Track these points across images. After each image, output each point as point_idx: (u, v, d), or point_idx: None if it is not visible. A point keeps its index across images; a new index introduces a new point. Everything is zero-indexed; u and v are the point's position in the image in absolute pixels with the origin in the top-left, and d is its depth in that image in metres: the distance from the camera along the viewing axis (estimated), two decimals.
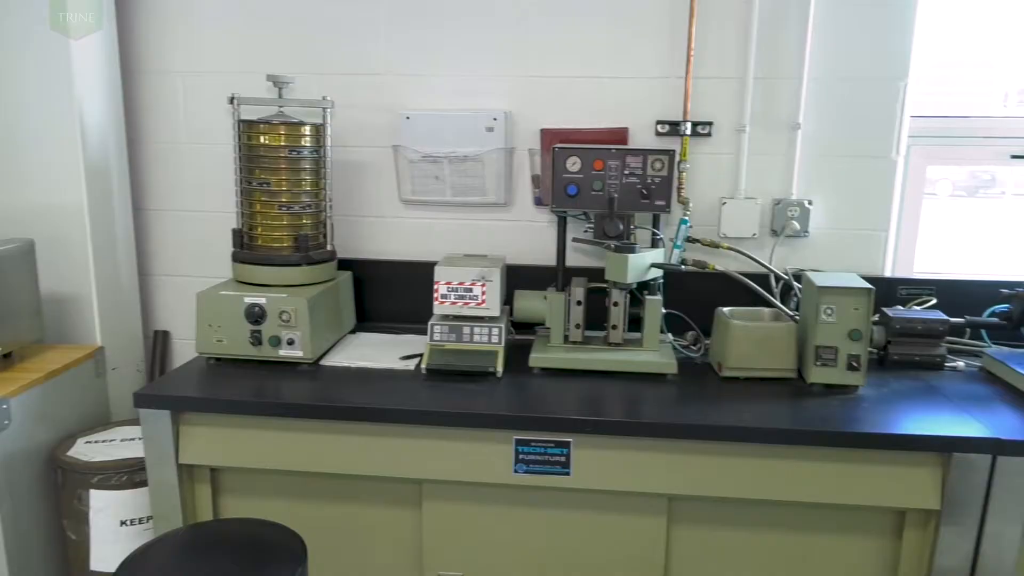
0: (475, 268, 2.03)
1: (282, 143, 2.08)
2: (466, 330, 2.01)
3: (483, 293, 2.02)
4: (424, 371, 1.98)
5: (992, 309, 2.11)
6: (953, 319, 2.05)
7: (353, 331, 2.34)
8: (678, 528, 1.84)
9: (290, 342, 1.99)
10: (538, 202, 2.34)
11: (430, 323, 2.03)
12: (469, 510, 1.86)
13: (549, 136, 2.26)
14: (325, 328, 2.11)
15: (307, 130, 2.11)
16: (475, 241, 2.38)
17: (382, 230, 2.43)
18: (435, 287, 2.03)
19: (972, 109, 2.38)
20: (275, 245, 2.13)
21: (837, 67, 2.18)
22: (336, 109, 2.31)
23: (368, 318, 2.43)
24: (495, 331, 2.01)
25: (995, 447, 1.64)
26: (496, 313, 2.03)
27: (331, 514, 1.93)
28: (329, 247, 2.22)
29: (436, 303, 2.04)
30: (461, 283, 2.03)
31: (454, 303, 2.03)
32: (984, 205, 2.70)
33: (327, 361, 2.06)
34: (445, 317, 2.05)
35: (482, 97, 2.30)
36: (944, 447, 1.66)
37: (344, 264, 2.36)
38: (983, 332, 2.19)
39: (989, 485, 1.66)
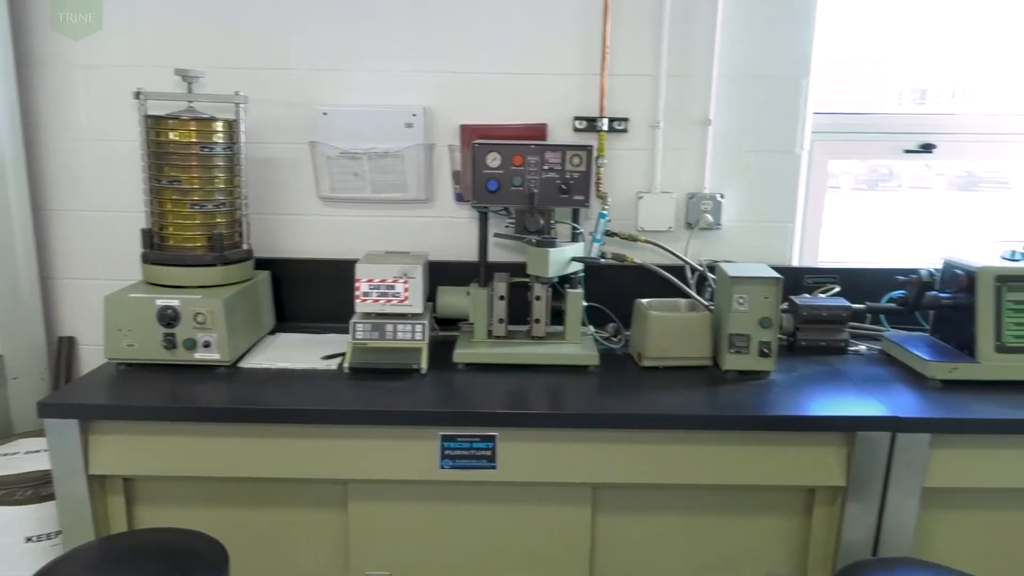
0: (397, 265, 2.01)
1: (193, 139, 2.02)
2: (389, 327, 2.00)
3: (405, 290, 2.01)
4: (347, 370, 1.96)
5: (890, 295, 2.23)
6: (855, 305, 2.16)
7: (272, 332, 2.29)
8: (602, 516, 1.88)
9: (206, 345, 1.93)
10: (459, 198, 2.34)
11: (352, 321, 2.00)
12: (396, 508, 1.85)
13: (469, 132, 2.26)
14: (243, 329, 2.05)
15: (219, 126, 2.05)
16: (397, 238, 2.37)
17: (301, 228, 2.38)
18: (356, 285, 2.01)
19: (871, 106, 2.52)
20: (188, 245, 2.06)
21: (744, 65, 2.27)
22: (250, 104, 2.25)
23: (288, 318, 2.38)
24: (418, 328, 2.00)
25: (894, 425, 1.74)
26: (419, 310, 2.02)
27: (253, 519, 1.88)
28: (245, 246, 2.17)
29: (358, 301, 2.02)
30: (383, 280, 2.01)
31: (376, 301, 2.01)
32: (883, 198, 2.85)
33: (246, 363, 2.01)
34: (367, 315, 2.03)
35: (401, 93, 2.28)
36: (848, 427, 1.75)
37: (262, 263, 2.30)
38: (882, 317, 2.32)
39: (890, 461, 1.77)
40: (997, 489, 1.82)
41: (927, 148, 2.47)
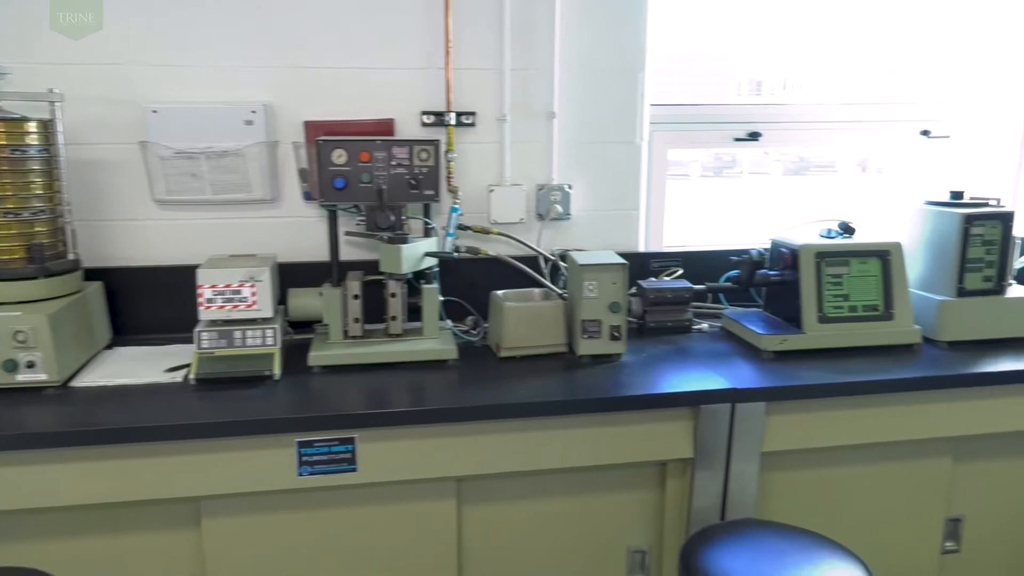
0: (242, 269, 1.93)
1: (2, 142, 1.84)
2: (237, 334, 1.92)
3: (253, 294, 1.93)
4: (193, 381, 1.86)
5: (727, 275, 2.38)
6: (696, 286, 2.28)
7: (109, 346, 2.13)
8: (468, 508, 1.89)
9: (30, 365, 1.78)
10: (307, 197, 2.27)
11: (196, 330, 1.90)
12: (253, 521, 1.78)
13: (313, 129, 2.20)
14: (73, 346, 1.90)
15: (32, 127, 1.89)
16: (242, 241, 2.27)
17: (135, 234, 2.23)
18: (199, 291, 1.91)
19: (713, 97, 2.67)
20: (4, 257, 1.88)
21: (584, 59, 2.34)
22: (71, 103, 2.07)
23: (126, 331, 2.23)
24: (269, 332, 1.93)
25: (733, 396, 1.86)
26: (269, 314, 1.95)
27: (95, 550, 1.75)
28: (71, 256, 2.01)
29: (202, 308, 1.92)
30: (228, 285, 1.92)
31: (222, 307, 1.92)
32: (727, 183, 3.04)
33: (78, 382, 1.87)
34: (213, 322, 1.94)
35: (239, 89, 2.18)
36: (693, 401, 1.86)
37: (93, 274, 2.14)
38: (721, 296, 2.47)
39: (731, 430, 1.89)
40: (826, 448, 1.99)
41: (754, 136, 2.65)
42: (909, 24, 2.71)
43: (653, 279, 2.37)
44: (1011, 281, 2.24)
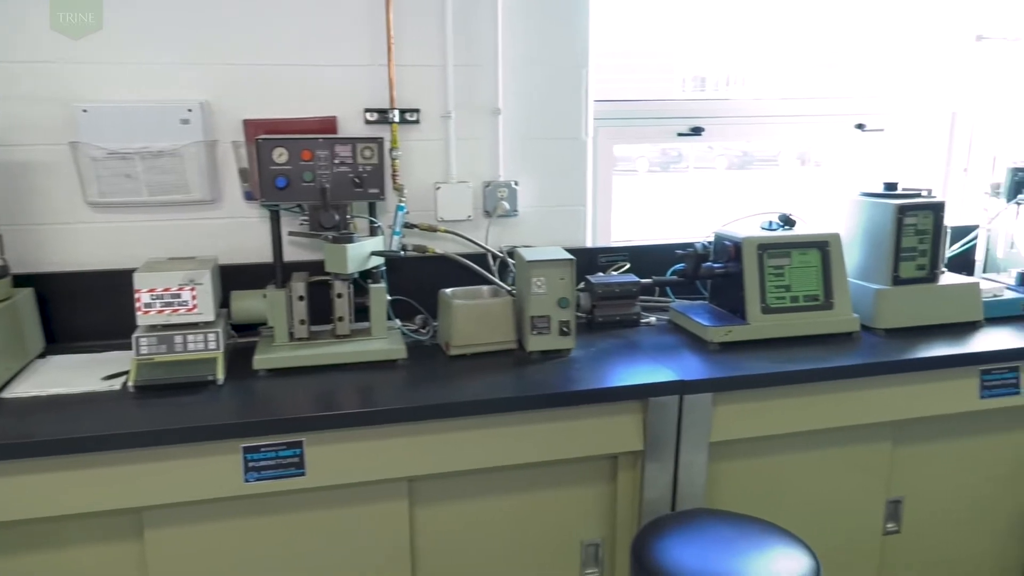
0: (181, 272, 1.88)
1: None
2: (178, 339, 1.86)
3: (193, 298, 1.88)
4: (132, 389, 1.80)
5: (673, 268, 2.41)
6: (643, 280, 2.31)
7: (42, 355, 2.05)
8: (420, 508, 1.87)
9: None
10: (248, 197, 2.22)
11: (135, 336, 1.84)
12: (199, 531, 1.73)
13: (253, 127, 2.15)
14: (2, 355, 1.83)
15: None
16: (181, 243, 2.21)
17: (68, 238, 2.15)
18: (136, 296, 1.85)
19: (658, 93, 2.70)
20: None
21: (528, 55, 2.33)
22: None
23: (61, 339, 2.15)
24: (211, 336, 1.88)
25: (680, 388, 1.88)
26: (211, 317, 1.90)
27: (34, 566, 1.69)
28: None
29: (140, 313, 1.86)
30: (167, 289, 1.87)
31: (161, 311, 1.87)
32: (674, 178, 3.08)
33: (9, 393, 1.79)
34: (152, 328, 1.88)
35: (174, 87, 2.12)
36: (642, 394, 1.87)
37: (22, 280, 2.06)
38: (668, 289, 2.50)
39: (679, 421, 1.91)
40: (771, 436, 2.03)
41: (697, 131, 2.68)
42: (845, 22, 2.78)
43: (601, 274, 2.39)
44: (943, 269, 2.32)
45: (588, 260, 2.47)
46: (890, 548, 2.25)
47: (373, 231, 2.10)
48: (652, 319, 2.38)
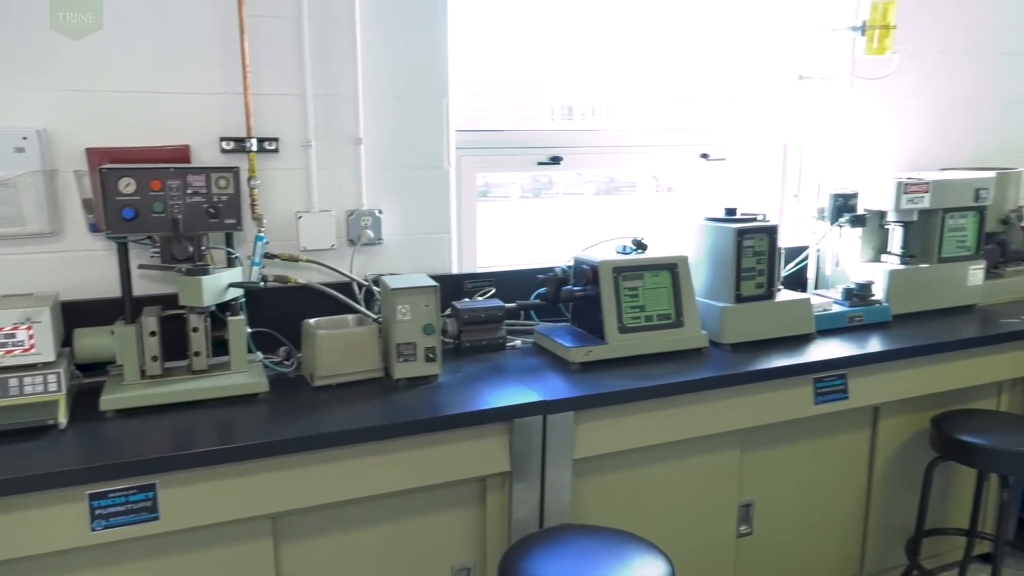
0: (16, 310, 1.75)
1: None
2: (13, 382, 1.74)
3: (30, 337, 1.76)
4: None
5: (537, 292, 2.49)
6: (508, 304, 2.37)
7: None
8: (286, 546, 1.83)
9: None
10: (94, 229, 2.11)
11: None
12: None
13: (97, 156, 2.05)
14: None
15: None
16: (17, 279, 2.05)
17: None
18: None
19: (529, 122, 2.79)
20: None
21: (388, 86, 2.36)
22: None
23: None
24: (51, 378, 1.76)
25: (543, 408, 1.95)
26: (50, 357, 1.78)
27: None
28: None
29: None
30: (0, 329, 1.74)
31: None
32: (545, 204, 3.19)
33: None
34: None
35: (7, 113, 1.99)
36: (507, 416, 1.92)
37: None
38: (532, 312, 2.58)
39: (544, 440, 1.97)
40: (631, 450, 2.13)
41: (556, 160, 2.79)
42: (691, 59, 2.99)
43: (467, 300, 2.43)
44: (780, 287, 2.52)
45: (454, 286, 2.51)
46: (744, 549, 2.40)
47: (231, 262, 2.05)
48: (518, 342, 2.44)
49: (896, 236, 2.80)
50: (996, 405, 2.74)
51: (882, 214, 2.78)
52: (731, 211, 2.51)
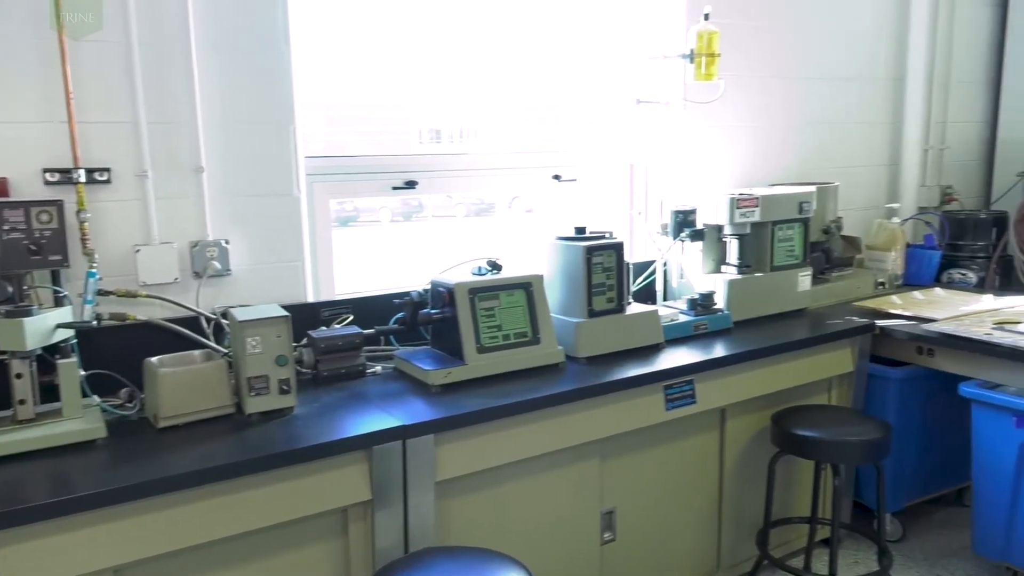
0: None
1: None
2: None
3: None
4: None
5: (396, 317, 2.48)
6: (366, 331, 2.35)
7: None
8: None
9: None
10: None
11: None
12: None
13: None
14: None
15: None
16: None
17: None
18: None
19: (392, 147, 2.78)
20: None
21: (231, 113, 2.29)
22: None
23: None
24: None
25: (402, 433, 1.94)
26: None
27: None
28: None
29: None
30: None
31: None
32: (416, 227, 3.17)
33: None
34: None
35: None
36: (365, 443, 1.90)
37: None
38: (392, 337, 2.56)
39: (404, 465, 1.96)
40: (493, 468, 2.15)
41: (411, 184, 2.80)
42: (541, 83, 3.09)
43: (324, 328, 2.38)
44: (630, 300, 2.64)
45: (310, 315, 2.45)
46: (609, 556, 2.47)
47: (59, 301, 1.92)
48: (378, 368, 2.42)
49: (732, 248, 3.00)
50: (828, 400, 2.97)
51: (719, 228, 2.98)
52: (581, 230, 2.61)
